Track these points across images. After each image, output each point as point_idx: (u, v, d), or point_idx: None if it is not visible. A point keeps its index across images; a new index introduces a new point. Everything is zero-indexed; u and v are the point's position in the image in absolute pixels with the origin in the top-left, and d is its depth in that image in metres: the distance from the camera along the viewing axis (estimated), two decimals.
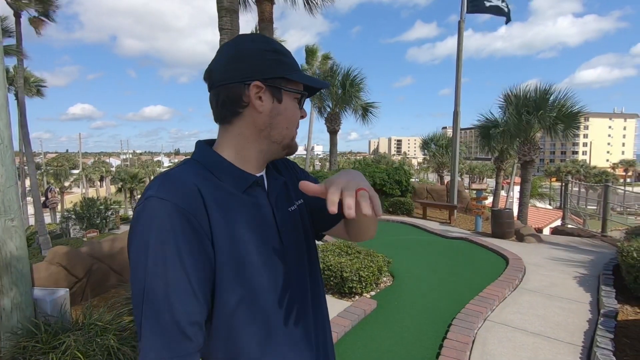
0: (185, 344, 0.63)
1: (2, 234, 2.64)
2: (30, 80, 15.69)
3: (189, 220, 0.64)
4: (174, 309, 0.62)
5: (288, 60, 0.78)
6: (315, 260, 0.88)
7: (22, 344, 2.53)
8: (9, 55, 10.88)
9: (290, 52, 0.80)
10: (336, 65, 14.71)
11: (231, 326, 0.70)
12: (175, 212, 0.64)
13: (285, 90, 0.77)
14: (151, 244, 0.63)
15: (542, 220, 16.42)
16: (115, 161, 66.89)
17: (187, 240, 0.64)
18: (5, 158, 2.62)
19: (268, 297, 0.72)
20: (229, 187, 0.73)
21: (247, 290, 0.70)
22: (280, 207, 0.81)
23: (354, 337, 3.03)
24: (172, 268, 0.63)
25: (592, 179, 41.42)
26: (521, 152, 10.62)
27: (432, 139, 18.85)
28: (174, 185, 0.67)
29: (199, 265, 0.65)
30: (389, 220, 8.94)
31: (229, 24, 4.23)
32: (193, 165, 0.74)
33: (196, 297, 0.64)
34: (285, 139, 0.79)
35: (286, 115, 0.78)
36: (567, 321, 3.34)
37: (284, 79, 0.76)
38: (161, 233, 0.63)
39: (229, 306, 0.69)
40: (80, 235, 14.83)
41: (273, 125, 0.77)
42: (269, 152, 0.80)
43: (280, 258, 0.76)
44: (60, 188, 30.98)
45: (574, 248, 6.06)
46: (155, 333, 0.62)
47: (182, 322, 0.63)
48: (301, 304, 0.78)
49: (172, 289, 0.62)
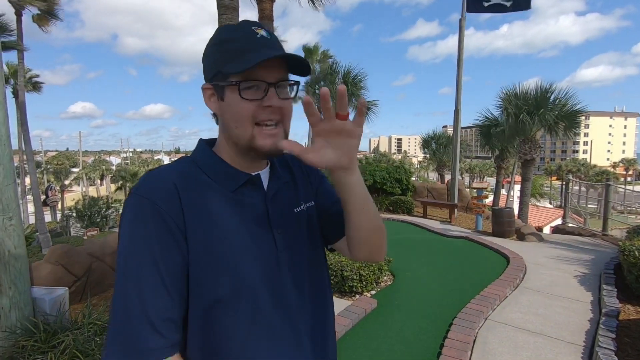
0: (155, 338, 0.63)
1: (1, 233, 2.63)
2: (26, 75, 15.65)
3: (163, 217, 0.65)
4: (145, 304, 0.63)
5: (231, 47, 0.69)
6: (318, 265, 0.83)
7: (21, 343, 2.52)
8: (10, 50, 10.82)
9: (245, 34, 0.69)
10: (336, 64, 14.70)
11: (206, 323, 0.68)
12: (149, 209, 0.65)
13: (227, 85, 0.69)
14: (127, 240, 0.65)
15: (542, 219, 16.41)
16: (115, 159, 66.91)
17: (160, 236, 0.65)
18: (3, 156, 2.60)
19: (249, 296, 0.69)
20: (218, 186, 0.72)
21: (222, 291, 0.67)
22: (279, 207, 0.77)
23: (354, 336, 3.02)
24: (144, 264, 0.64)
25: (592, 177, 41.40)
26: (522, 150, 10.60)
27: (433, 137, 18.81)
28: (153, 183, 0.68)
29: (171, 262, 0.65)
30: (390, 219, 8.92)
31: (228, 22, 4.20)
32: (183, 164, 0.74)
33: (168, 293, 0.65)
34: (240, 139, 0.70)
35: (231, 112, 0.70)
36: (569, 320, 3.32)
37: (221, 73, 0.69)
38: (136, 229, 0.65)
39: (202, 302, 0.67)
40: (80, 233, 14.83)
41: (226, 126, 0.73)
42: (244, 154, 0.73)
43: (268, 258, 0.72)
44: (61, 186, 30.97)
45: (574, 247, 6.04)
46: (125, 325, 0.63)
47: (152, 317, 0.63)
48: (290, 307, 0.73)
49: (144, 284, 0.63)
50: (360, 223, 0.75)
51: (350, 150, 0.65)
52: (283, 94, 0.72)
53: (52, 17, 11.42)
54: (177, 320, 0.66)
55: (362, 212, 0.73)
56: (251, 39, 0.68)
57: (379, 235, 0.80)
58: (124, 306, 0.63)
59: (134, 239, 0.65)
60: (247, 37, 0.68)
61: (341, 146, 0.64)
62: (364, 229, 0.76)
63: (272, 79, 0.69)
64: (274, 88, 0.69)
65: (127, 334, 0.62)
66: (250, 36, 0.69)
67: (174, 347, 0.66)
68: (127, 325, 0.63)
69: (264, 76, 0.68)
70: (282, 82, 0.70)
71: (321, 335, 0.80)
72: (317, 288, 0.81)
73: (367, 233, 0.77)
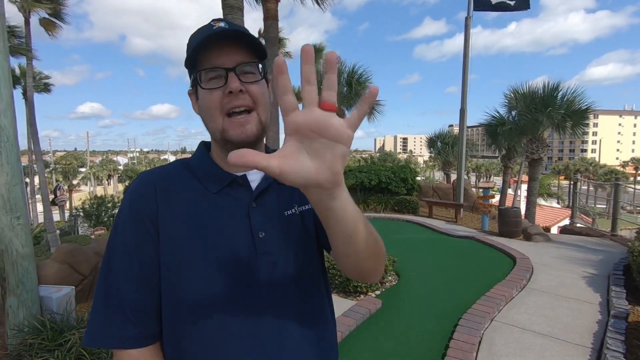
0: (128, 327, 0.66)
1: (9, 232, 2.66)
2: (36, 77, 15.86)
3: (139, 215, 0.69)
4: (120, 294, 0.67)
5: (191, 47, 0.69)
6: (309, 270, 0.76)
7: (28, 340, 2.55)
8: (19, 55, 10.99)
9: (203, 30, 0.69)
10: (341, 63, 14.65)
11: (173, 323, 0.69)
12: (128, 207, 0.70)
13: (194, 82, 0.71)
14: (111, 235, 0.71)
15: (550, 219, 16.23)
16: (122, 159, 67.53)
17: (136, 233, 0.69)
18: (10, 156, 2.64)
19: (214, 300, 0.66)
20: (202, 187, 0.72)
21: (186, 294, 0.67)
22: (265, 209, 0.73)
23: (358, 337, 3.01)
24: (122, 258, 0.68)
25: (601, 177, 40.85)
26: (529, 150, 10.48)
27: (439, 136, 18.69)
28: (136, 183, 0.73)
29: (146, 257, 0.68)
30: (395, 219, 8.88)
31: (233, 22, 4.22)
32: (175, 165, 0.77)
33: (143, 286, 0.68)
34: (216, 132, 0.70)
35: (204, 107, 0.70)
36: (576, 322, 3.28)
37: (191, 70, 0.70)
38: (118, 226, 0.70)
39: (169, 302, 0.68)
40: (88, 232, 14.99)
41: (204, 124, 0.73)
42: (224, 151, 0.72)
43: (242, 261, 0.68)
44: (69, 186, 31.36)
45: (583, 247, 5.96)
46: (101, 313, 0.68)
47: (127, 308, 0.67)
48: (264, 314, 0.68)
49: (120, 277, 0.68)
50: (347, 252, 0.60)
51: (335, 161, 0.44)
52: (248, 78, 0.69)
53: (59, 20, 11.55)
54: (150, 312, 0.68)
55: (349, 242, 0.57)
56: (206, 33, 0.67)
57: (373, 261, 0.65)
58: (103, 295, 0.68)
59: (116, 235, 0.70)
60: (203, 33, 0.68)
61: (322, 153, 0.43)
62: (352, 258, 0.62)
63: (230, 63, 0.67)
64: (233, 73, 0.67)
65: (104, 321, 0.67)
66: (207, 31, 0.68)
67: (148, 339, 0.68)
68: (103, 313, 0.67)
69: (221, 63, 0.67)
70: (243, 66, 0.68)
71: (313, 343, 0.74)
72: (307, 296, 0.74)
73: (356, 261, 0.63)
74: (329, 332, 0.78)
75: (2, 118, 2.58)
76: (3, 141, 2.59)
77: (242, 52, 0.69)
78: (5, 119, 2.59)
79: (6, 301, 2.73)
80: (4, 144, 2.60)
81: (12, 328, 2.70)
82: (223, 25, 0.69)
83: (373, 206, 10.16)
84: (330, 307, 0.81)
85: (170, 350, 0.70)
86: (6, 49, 2.64)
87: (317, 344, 0.74)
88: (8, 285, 2.71)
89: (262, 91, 0.71)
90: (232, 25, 0.70)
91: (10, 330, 2.70)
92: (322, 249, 0.81)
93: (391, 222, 8.58)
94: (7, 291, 2.71)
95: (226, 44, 0.68)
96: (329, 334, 0.78)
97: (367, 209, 10.11)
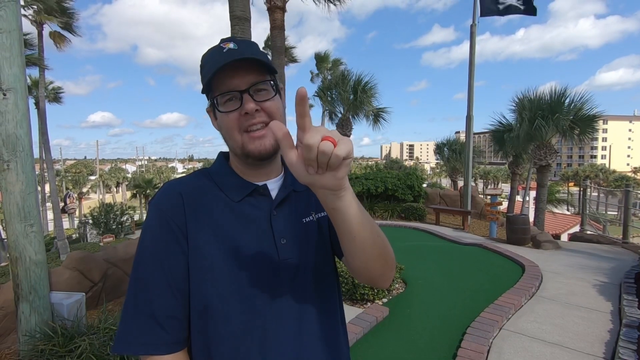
0: (160, 333, 0.69)
1: (22, 240, 2.72)
2: (48, 87, 16.21)
3: (168, 223, 0.71)
4: (152, 301, 0.69)
5: (205, 70, 0.74)
6: (326, 275, 0.81)
7: (40, 347, 2.59)
8: (31, 66, 11.28)
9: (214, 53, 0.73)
10: (347, 71, 14.75)
11: (202, 326, 0.71)
12: (157, 216, 0.73)
13: (212, 104, 0.75)
14: (140, 244, 0.73)
15: (559, 226, 16.00)
16: (131, 167, 68.33)
17: (165, 240, 0.71)
18: (25, 165, 2.71)
19: (241, 303, 0.70)
20: (224, 196, 0.76)
21: (215, 296, 0.69)
22: (285, 216, 0.78)
23: (365, 345, 3.00)
24: (152, 265, 0.70)
25: (611, 183, 40.20)
26: (537, 156, 10.40)
27: (446, 143, 18.66)
28: (162, 193, 0.76)
29: (175, 264, 0.71)
30: (401, 226, 8.85)
31: (240, 32, 4.30)
32: (198, 175, 0.81)
33: (173, 293, 0.70)
34: (236, 148, 0.75)
35: (223, 127, 0.75)
36: (587, 331, 3.23)
37: (209, 92, 0.75)
38: (147, 234, 0.72)
39: (197, 306, 0.71)
40: (97, 240, 15.14)
41: (225, 141, 0.77)
42: (245, 164, 0.77)
43: (266, 266, 0.73)
44: (79, 194, 31.78)
45: (593, 255, 5.87)
46: (133, 320, 0.69)
47: (158, 314, 0.69)
48: (289, 316, 0.73)
49: (151, 284, 0.70)
50: (354, 251, 0.66)
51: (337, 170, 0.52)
52: (262, 96, 0.73)
53: (70, 33, 11.85)
54: (181, 319, 0.71)
55: (354, 240, 0.63)
56: (217, 56, 0.71)
57: (380, 264, 0.70)
58: (134, 303, 0.70)
59: (145, 243, 0.72)
60: (215, 55, 0.72)
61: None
62: (359, 257, 0.67)
63: (244, 85, 0.71)
64: (247, 94, 0.71)
65: (135, 328, 0.69)
66: (217, 53, 0.72)
67: (178, 344, 0.71)
68: (135, 320, 0.69)
69: (235, 85, 0.71)
70: (255, 86, 0.71)
71: (330, 344, 0.78)
72: (324, 298, 0.80)
73: (364, 261, 0.68)
74: (342, 333, 0.84)
75: (19, 128, 2.66)
76: (19, 151, 2.67)
77: (254, 71, 0.72)
78: (21, 129, 2.67)
79: (19, 307, 2.78)
80: (19, 154, 2.67)
81: (24, 334, 2.74)
82: (232, 46, 0.72)
83: (379, 213, 10.13)
84: (341, 310, 0.87)
85: (199, 354, 0.72)
86: (23, 62, 2.74)
87: (333, 343, 0.80)
88: (21, 291, 2.76)
89: (277, 106, 0.75)
90: (241, 46, 0.73)
91: (23, 336, 2.74)
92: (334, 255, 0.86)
93: (398, 230, 8.54)
94: (20, 297, 2.76)
95: (239, 67, 0.71)
96: (342, 335, 0.84)
97: (373, 216, 10.08)
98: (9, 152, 2.63)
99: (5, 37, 2.59)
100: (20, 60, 2.68)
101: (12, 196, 2.67)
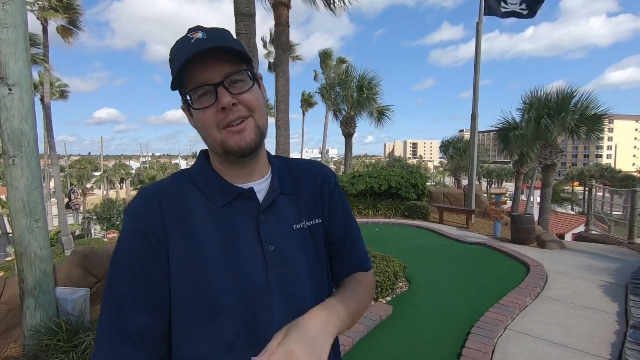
0: (135, 353, 0.63)
1: (27, 235, 2.73)
2: (54, 84, 16.29)
3: (145, 234, 0.65)
4: (125, 319, 0.63)
5: (173, 65, 0.66)
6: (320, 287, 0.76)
7: (45, 342, 2.60)
8: (35, 65, 11.33)
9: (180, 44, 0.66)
10: (352, 69, 14.71)
11: (184, 344, 0.66)
12: (132, 226, 0.66)
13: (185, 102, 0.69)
14: (115, 256, 0.67)
15: (564, 226, 15.91)
16: (135, 164, 68.65)
17: (141, 253, 0.65)
18: (31, 161, 2.71)
19: (227, 317, 0.65)
20: (207, 201, 0.70)
21: (200, 310, 0.64)
22: (273, 222, 0.72)
23: (369, 343, 2.99)
24: (126, 280, 0.65)
25: (617, 183, 39.88)
26: (542, 155, 10.34)
27: (450, 142, 18.59)
28: (139, 200, 0.69)
29: (152, 278, 0.65)
30: (405, 225, 8.82)
31: (244, 28, 4.28)
32: (177, 178, 0.73)
33: (149, 309, 0.64)
34: (216, 146, 0.68)
35: (200, 125, 0.68)
36: (593, 332, 3.20)
37: (180, 87, 0.68)
38: (122, 245, 0.66)
39: (180, 321, 0.65)
40: (100, 235, 15.24)
41: (203, 139, 0.71)
42: (227, 162, 0.71)
43: (254, 276, 0.67)
44: (83, 190, 31.97)
45: (599, 255, 5.83)
46: (106, 340, 0.64)
47: (132, 333, 0.63)
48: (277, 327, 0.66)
49: (125, 300, 0.64)
50: None
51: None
52: (238, 88, 0.67)
53: (75, 28, 11.89)
54: (157, 336, 0.65)
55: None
56: (185, 47, 0.64)
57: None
58: (107, 320, 0.64)
59: (119, 256, 0.66)
60: (182, 47, 0.65)
61: None
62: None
63: (218, 77, 0.65)
64: (222, 87, 0.65)
65: (109, 347, 0.63)
66: (185, 44, 0.65)
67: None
68: (108, 339, 0.64)
69: (208, 78, 0.65)
70: (230, 77, 0.65)
71: None
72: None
73: None
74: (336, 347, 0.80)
75: (24, 123, 2.66)
76: (24, 146, 2.67)
77: (227, 62, 0.66)
78: (26, 124, 2.67)
79: (24, 302, 2.79)
80: (24, 149, 2.67)
81: (29, 329, 2.76)
82: (201, 35, 0.65)
83: (383, 211, 10.10)
84: None
85: None
86: (28, 57, 2.73)
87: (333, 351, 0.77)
88: (26, 286, 2.77)
89: (256, 97, 0.69)
90: (211, 35, 0.66)
91: (28, 331, 2.76)
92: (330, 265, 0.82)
93: (401, 228, 8.52)
94: (25, 292, 2.77)
95: (210, 58, 0.64)
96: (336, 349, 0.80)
97: (376, 214, 10.06)
98: (14, 147, 2.64)
99: (11, 32, 2.58)
100: (25, 56, 2.68)
101: (17, 191, 2.67)
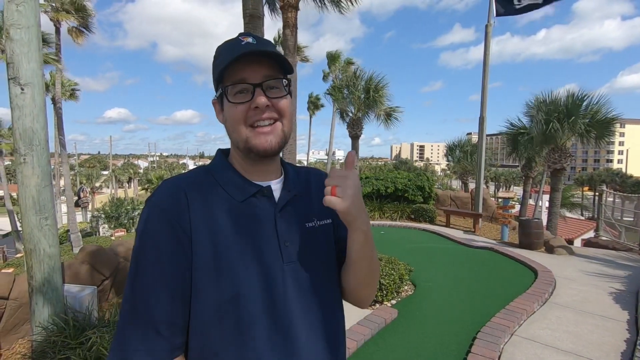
0: (159, 341, 0.65)
1: (37, 232, 2.77)
2: (65, 84, 16.52)
3: (171, 224, 0.67)
4: (150, 307, 0.65)
5: (219, 60, 0.72)
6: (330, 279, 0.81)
7: (52, 338, 2.62)
8: (48, 65, 11.51)
9: (231, 45, 0.72)
10: (360, 70, 14.68)
11: (205, 328, 0.68)
12: (158, 216, 0.68)
13: (221, 95, 0.74)
14: (138, 246, 0.68)
15: (573, 231, 15.68)
16: (143, 163, 69.31)
17: (167, 243, 0.67)
18: (41, 159, 2.75)
19: (247, 305, 0.68)
20: (228, 195, 0.73)
21: (223, 297, 0.67)
22: (289, 219, 0.76)
23: (373, 347, 2.97)
24: (152, 269, 0.66)
25: (628, 188, 39.21)
26: (551, 159, 10.19)
27: (457, 145, 18.43)
28: (164, 191, 0.71)
29: (177, 267, 0.67)
30: (411, 228, 8.77)
31: (252, 30, 4.30)
32: (198, 173, 0.76)
33: (173, 298, 0.66)
34: (239, 142, 0.73)
35: (229, 118, 0.73)
36: (602, 340, 3.14)
37: (218, 83, 0.73)
38: (146, 236, 0.68)
39: (204, 309, 0.68)
40: (108, 234, 15.40)
41: (228, 133, 0.75)
42: (247, 160, 0.76)
43: (271, 268, 0.71)
44: (92, 188, 32.38)
45: (609, 262, 5.73)
46: (131, 328, 0.66)
47: (157, 321, 0.65)
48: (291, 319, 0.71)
49: (150, 289, 0.66)
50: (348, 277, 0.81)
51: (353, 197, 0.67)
52: (274, 93, 0.72)
53: (86, 30, 12.06)
54: (181, 324, 0.68)
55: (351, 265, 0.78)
56: (235, 47, 0.70)
57: (366, 292, 0.83)
58: (131, 309, 0.66)
59: (144, 245, 0.68)
60: (232, 47, 0.70)
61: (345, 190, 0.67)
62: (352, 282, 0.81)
63: (257, 79, 0.70)
64: (260, 88, 0.70)
65: (133, 335, 0.65)
66: (235, 45, 0.70)
67: (177, 350, 0.68)
68: (133, 327, 0.65)
69: (248, 78, 0.70)
70: (269, 81, 0.71)
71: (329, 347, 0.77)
72: (327, 303, 0.79)
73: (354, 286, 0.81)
74: (342, 342, 0.83)
75: (35, 123, 2.70)
76: (35, 144, 2.71)
77: (269, 67, 0.71)
78: (37, 123, 2.71)
79: (32, 299, 2.82)
80: (35, 147, 2.71)
81: (37, 325, 2.79)
82: (251, 40, 0.71)
83: (389, 214, 10.05)
84: (343, 319, 0.85)
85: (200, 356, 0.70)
86: (41, 57, 2.78)
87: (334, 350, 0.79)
88: (35, 283, 2.80)
89: (287, 104, 0.74)
90: (260, 41, 0.72)
91: (36, 327, 2.79)
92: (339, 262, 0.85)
93: (408, 231, 8.47)
94: (34, 289, 2.81)
95: (254, 61, 0.70)
96: (342, 344, 0.83)
97: (383, 217, 10.02)
98: (26, 145, 2.68)
99: (24, 32, 2.63)
100: (38, 56, 2.72)
101: (27, 189, 2.71)
